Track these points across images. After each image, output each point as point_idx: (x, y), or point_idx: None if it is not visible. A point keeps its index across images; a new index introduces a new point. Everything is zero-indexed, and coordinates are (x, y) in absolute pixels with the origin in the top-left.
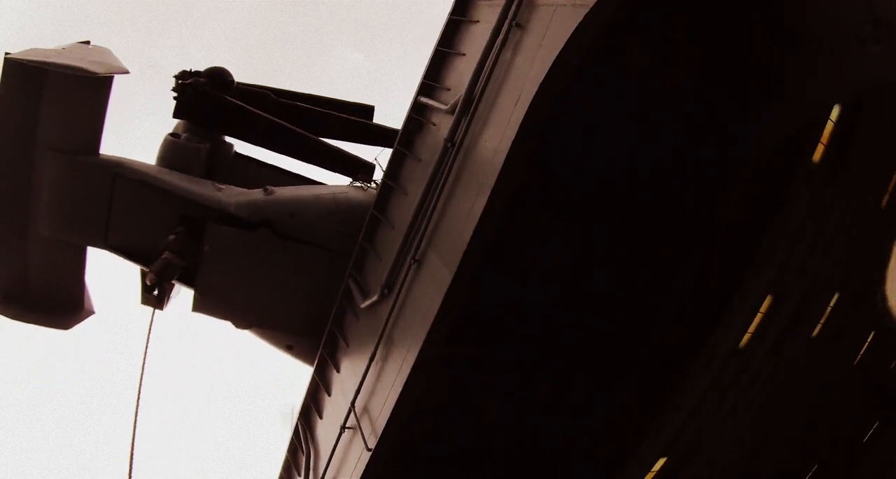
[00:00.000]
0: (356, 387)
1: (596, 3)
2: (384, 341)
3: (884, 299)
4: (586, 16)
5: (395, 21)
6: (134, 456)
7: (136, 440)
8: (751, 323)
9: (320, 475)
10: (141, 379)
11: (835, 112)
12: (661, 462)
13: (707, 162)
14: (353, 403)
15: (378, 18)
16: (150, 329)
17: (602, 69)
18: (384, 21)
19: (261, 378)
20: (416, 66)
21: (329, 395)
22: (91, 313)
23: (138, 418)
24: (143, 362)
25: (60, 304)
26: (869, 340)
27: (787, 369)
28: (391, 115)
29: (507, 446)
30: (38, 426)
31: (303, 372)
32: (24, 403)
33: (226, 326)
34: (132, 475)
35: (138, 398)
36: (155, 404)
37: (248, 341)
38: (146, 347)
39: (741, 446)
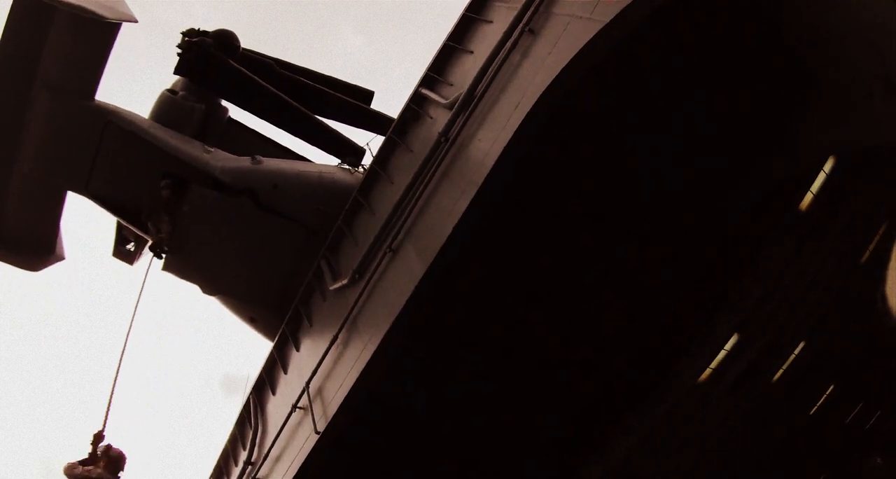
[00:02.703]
0: (313, 368)
1: (611, 21)
2: (348, 326)
3: (884, 299)
4: (600, 31)
5: (399, 9)
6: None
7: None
8: (713, 359)
9: (265, 451)
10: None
11: (829, 164)
12: None
13: (696, 196)
14: (307, 383)
15: (383, 5)
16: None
17: (605, 87)
18: (389, 8)
19: (207, 345)
20: (415, 58)
21: (285, 373)
22: (61, 258)
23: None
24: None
25: (32, 245)
26: (828, 392)
27: (742, 412)
28: (383, 102)
29: (455, 447)
30: None
31: (259, 346)
32: None
33: (192, 289)
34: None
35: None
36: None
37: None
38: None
39: None
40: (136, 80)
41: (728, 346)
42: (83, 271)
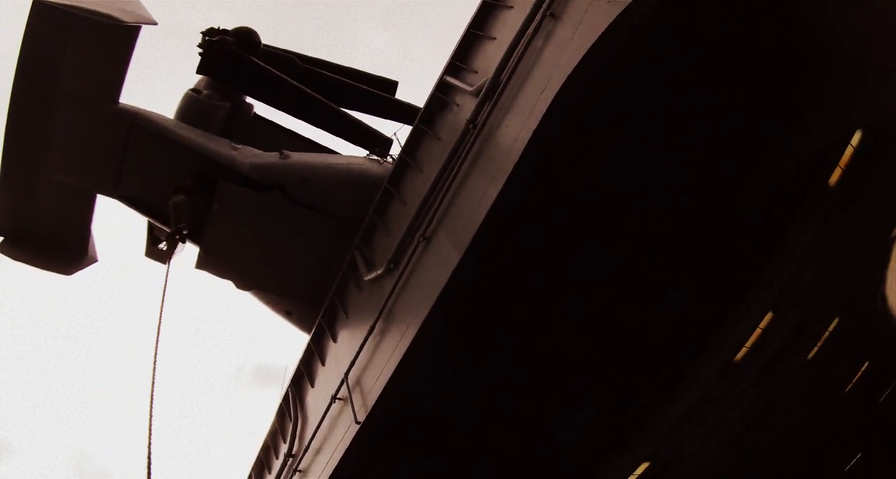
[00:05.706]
0: (351, 359)
1: (632, 2)
2: (384, 316)
3: (884, 299)
4: (621, 13)
5: (418, 2)
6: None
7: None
8: (749, 338)
9: (306, 443)
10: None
11: (856, 138)
12: (643, 467)
13: (725, 175)
14: (346, 374)
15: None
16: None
17: (630, 69)
18: (407, 2)
19: (234, 338)
20: (438, 51)
21: (323, 364)
22: (94, 260)
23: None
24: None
25: (65, 249)
26: (863, 369)
27: (778, 390)
28: (407, 96)
29: (494, 433)
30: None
31: (291, 336)
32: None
33: (225, 285)
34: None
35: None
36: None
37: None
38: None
39: (724, 462)
40: (157, 82)
41: (763, 324)
42: (119, 271)
